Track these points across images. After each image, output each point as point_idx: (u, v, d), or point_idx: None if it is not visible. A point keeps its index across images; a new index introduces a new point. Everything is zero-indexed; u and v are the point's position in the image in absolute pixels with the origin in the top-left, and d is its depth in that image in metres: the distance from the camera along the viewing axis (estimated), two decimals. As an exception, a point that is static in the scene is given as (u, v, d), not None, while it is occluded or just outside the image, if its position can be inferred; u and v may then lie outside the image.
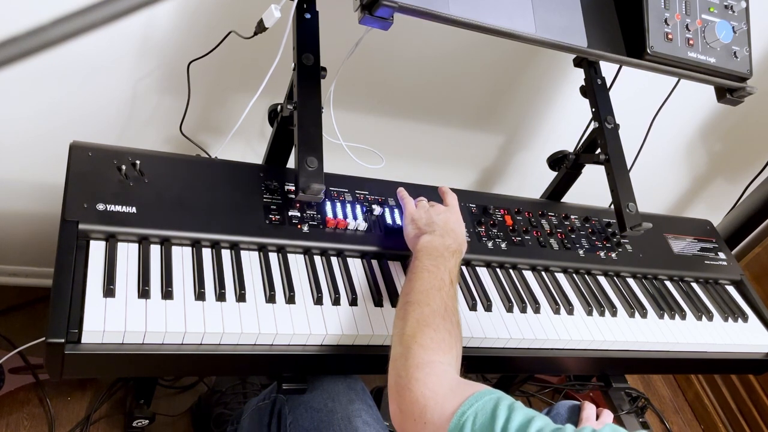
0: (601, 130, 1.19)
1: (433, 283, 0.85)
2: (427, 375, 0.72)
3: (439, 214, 1.01)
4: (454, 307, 0.83)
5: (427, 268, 0.87)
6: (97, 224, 0.85)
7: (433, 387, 0.70)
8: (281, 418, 1.00)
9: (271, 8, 0.92)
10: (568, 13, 0.97)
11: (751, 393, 1.89)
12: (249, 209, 0.97)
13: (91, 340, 0.76)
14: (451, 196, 1.09)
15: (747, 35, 1.08)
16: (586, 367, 1.21)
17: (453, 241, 0.95)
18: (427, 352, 0.75)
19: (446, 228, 0.97)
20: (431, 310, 0.80)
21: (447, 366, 0.75)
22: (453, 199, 1.08)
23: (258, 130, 1.40)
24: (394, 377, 0.75)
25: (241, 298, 0.88)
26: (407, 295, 0.84)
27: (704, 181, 2.01)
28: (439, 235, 0.94)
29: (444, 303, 0.82)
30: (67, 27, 0.28)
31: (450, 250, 0.92)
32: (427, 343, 0.76)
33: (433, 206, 1.04)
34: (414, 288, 0.84)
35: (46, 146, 1.25)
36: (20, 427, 1.32)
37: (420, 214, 1.01)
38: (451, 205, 1.06)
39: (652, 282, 1.29)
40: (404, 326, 0.79)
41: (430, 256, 0.89)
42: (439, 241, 0.93)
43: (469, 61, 1.43)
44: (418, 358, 0.74)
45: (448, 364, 0.75)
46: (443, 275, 0.86)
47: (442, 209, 1.03)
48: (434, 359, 0.74)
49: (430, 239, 0.93)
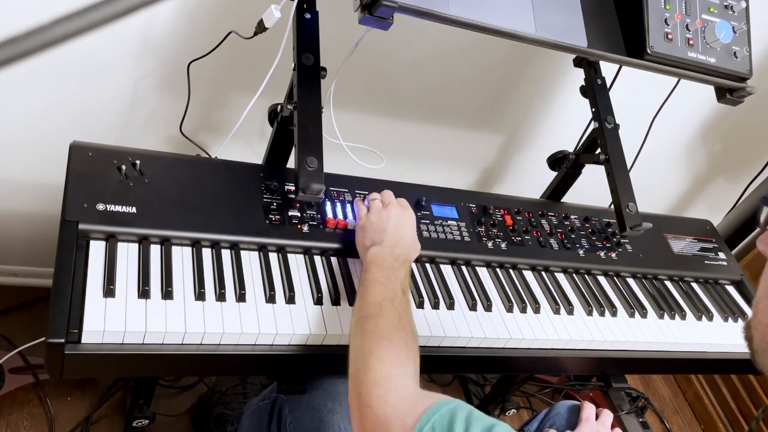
0: (601, 130, 1.19)
1: (386, 294, 0.84)
2: (386, 391, 0.71)
3: (390, 218, 0.97)
4: (408, 317, 0.83)
5: (379, 280, 0.86)
6: (97, 224, 0.85)
7: (394, 402, 0.70)
8: (281, 418, 1.00)
9: (271, 8, 0.92)
10: (568, 13, 0.97)
11: (751, 393, 1.89)
12: (249, 209, 0.97)
13: (91, 340, 0.76)
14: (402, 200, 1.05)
15: (747, 35, 1.08)
16: (586, 367, 1.21)
17: (402, 251, 0.93)
18: (384, 366, 0.74)
19: (396, 236, 0.95)
20: (385, 322, 0.79)
21: (405, 378, 0.74)
22: (404, 201, 1.04)
23: (258, 130, 1.40)
24: (354, 395, 0.75)
25: (241, 298, 0.88)
26: (360, 310, 0.83)
27: (704, 181, 2.01)
28: (388, 246, 0.93)
29: (398, 314, 0.81)
30: (67, 27, 0.28)
31: (399, 261, 0.91)
32: (384, 356, 0.75)
33: (387, 208, 1.00)
34: (367, 301, 0.83)
35: (46, 146, 1.25)
36: (20, 427, 1.32)
37: (371, 220, 0.98)
38: (404, 205, 1.02)
39: (652, 282, 1.29)
40: (361, 342, 0.79)
41: (380, 267, 0.88)
42: (388, 252, 0.91)
43: (469, 61, 1.43)
44: (376, 373, 0.73)
45: (405, 375, 0.74)
46: (395, 286, 0.85)
47: (394, 211, 0.99)
48: (392, 372, 0.74)
49: (378, 251, 0.92)
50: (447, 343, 0.98)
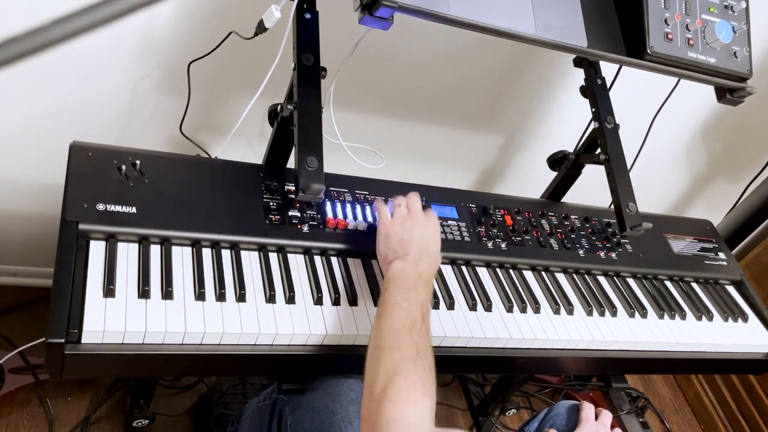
0: (601, 130, 1.19)
1: (404, 321, 0.81)
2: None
3: (416, 228, 0.93)
4: (426, 347, 0.80)
5: (398, 303, 0.83)
6: (97, 224, 0.85)
7: None
8: (282, 418, 1.00)
9: (271, 8, 0.92)
10: (568, 13, 0.97)
11: (751, 393, 1.89)
12: (249, 209, 0.97)
13: (91, 340, 0.76)
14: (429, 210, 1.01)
15: (747, 35, 1.08)
16: (586, 367, 1.21)
17: (426, 267, 0.90)
18: (397, 407, 0.72)
19: (422, 248, 0.91)
20: (401, 355, 0.77)
21: (420, 418, 0.72)
22: (430, 210, 1.01)
23: (258, 130, 1.40)
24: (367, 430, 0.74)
25: (241, 298, 0.88)
26: (377, 338, 0.81)
27: (704, 181, 2.01)
28: (413, 260, 0.89)
29: (415, 345, 0.78)
30: (67, 27, 0.28)
31: (422, 279, 0.87)
32: (397, 397, 0.73)
33: (413, 216, 0.95)
34: (383, 329, 0.81)
35: (46, 146, 1.25)
36: (20, 427, 1.32)
37: (395, 228, 0.94)
38: (430, 214, 0.99)
39: (652, 282, 1.29)
40: (375, 379, 0.76)
41: (402, 287, 0.85)
42: (412, 269, 0.88)
43: (469, 61, 1.43)
44: (389, 413, 0.72)
45: (420, 415, 0.73)
46: (414, 311, 0.82)
47: (420, 221, 0.95)
48: (406, 412, 0.72)
49: (402, 267, 0.88)
50: (447, 343, 0.98)
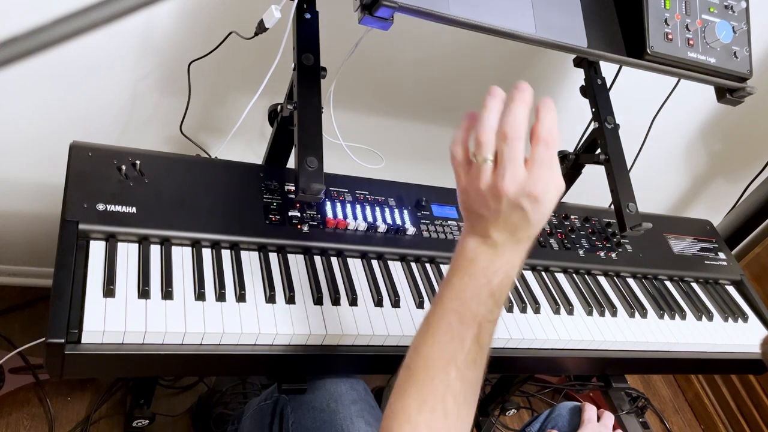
0: (601, 130, 1.19)
1: (445, 349, 0.62)
2: None
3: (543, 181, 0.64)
4: (463, 384, 0.63)
5: (448, 319, 0.63)
6: (97, 224, 0.85)
7: None
8: (283, 418, 1.00)
9: (271, 8, 0.92)
10: (568, 13, 0.97)
11: (751, 393, 1.89)
12: (249, 209, 0.97)
13: (91, 341, 0.76)
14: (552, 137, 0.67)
15: (747, 35, 1.08)
16: (586, 367, 1.21)
17: (519, 257, 0.65)
18: None
19: (531, 220, 0.63)
20: (419, 399, 0.62)
21: None
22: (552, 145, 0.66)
23: (258, 130, 1.40)
24: None
25: (241, 298, 0.88)
26: (409, 355, 0.65)
27: (704, 181, 2.01)
28: (493, 245, 0.64)
29: (446, 385, 0.62)
30: (67, 27, 0.28)
31: (496, 282, 0.63)
32: None
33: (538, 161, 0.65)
34: (418, 349, 0.64)
35: (46, 146, 1.25)
36: (20, 427, 1.32)
37: (505, 198, 0.62)
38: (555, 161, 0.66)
39: (652, 282, 1.29)
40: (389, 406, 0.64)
41: (465, 290, 0.63)
42: (485, 265, 0.63)
43: (469, 61, 1.43)
44: None
45: None
46: (466, 333, 0.63)
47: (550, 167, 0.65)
48: None
49: (474, 256, 0.64)
50: (447, 343, 0.98)
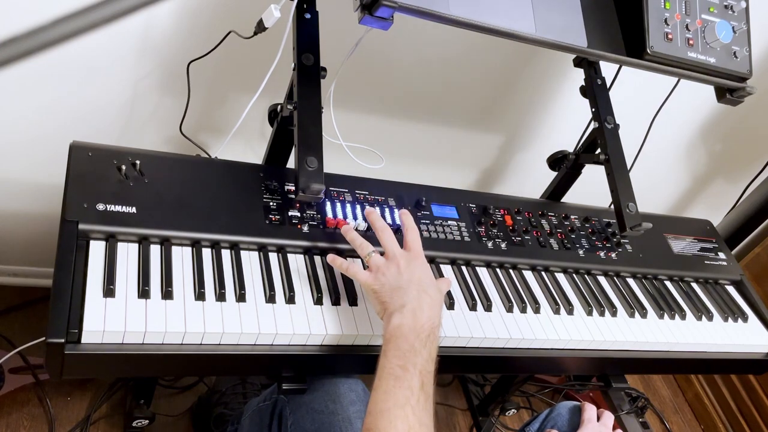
0: (601, 130, 1.19)
1: (398, 397, 0.73)
2: None
3: (410, 268, 0.83)
4: (422, 422, 0.72)
5: (394, 373, 0.74)
6: (97, 224, 0.85)
7: None
8: (282, 419, 1.00)
9: (270, 8, 0.92)
10: (568, 13, 0.97)
11: (751, 393, 1.89)
12: (249, 209, 0.97)
13: (91, 340, 0.76)
14: (413, 232, 0.90)
15: (747, 35, 1.08)
16: (586, 367, 1.21)
17: (428, 317, 0.79)
18: None
19: (420, 293, 0.81)
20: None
21: None
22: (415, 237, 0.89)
23: (258, 130, 1.40)
24: None
25: (241, 298, 0.88)
26: (368, 414, 0.74)
27: (704, 181, 2.01)
28: (411, 311, 0.79)
29: (407, 424, 0.71)
30: (67, 27, 0.28)
31: (423, 336, 0.77)
32: None
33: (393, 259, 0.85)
34: (375, 405, 0.73)
35: (46, 146, 1.25)
36: (20, 427, 1.32)
37: (380, 280, 0.83)
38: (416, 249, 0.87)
39: (652, 282, 1.29)
40: None
41: (398, 351, 0.76)
42: (410, 324, 0.78)
43: (469, 61, 1.43)
44: None
45: None
46: (412, 381, 0.74)
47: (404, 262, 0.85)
48: None
49: (399, 323, 0.78)
50: (447, 343, 0.98)
